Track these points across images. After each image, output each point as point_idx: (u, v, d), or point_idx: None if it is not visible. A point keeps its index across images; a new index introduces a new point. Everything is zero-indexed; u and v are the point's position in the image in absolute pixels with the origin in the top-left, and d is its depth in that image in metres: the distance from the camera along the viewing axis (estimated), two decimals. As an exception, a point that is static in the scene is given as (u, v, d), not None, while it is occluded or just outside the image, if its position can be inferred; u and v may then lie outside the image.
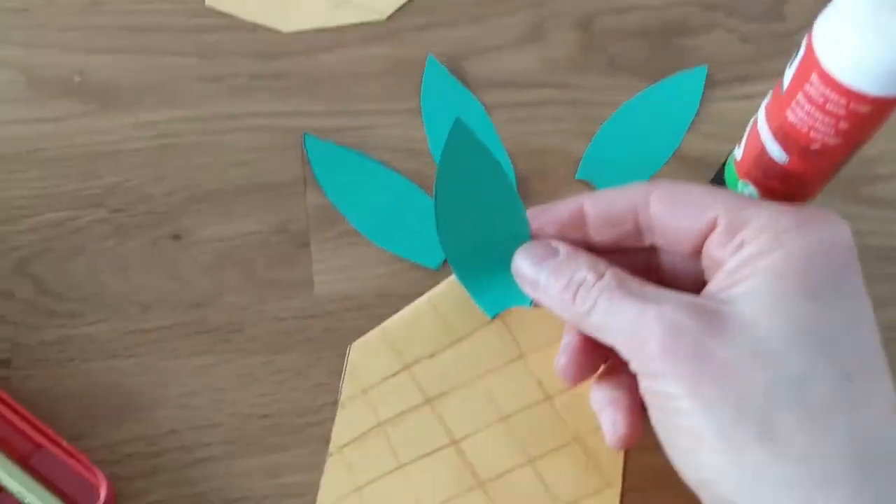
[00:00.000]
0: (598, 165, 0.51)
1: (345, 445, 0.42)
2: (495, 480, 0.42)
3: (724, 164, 0.47)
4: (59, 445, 0.40)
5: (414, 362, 0.44)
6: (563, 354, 0.41)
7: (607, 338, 0.37)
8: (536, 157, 0.51)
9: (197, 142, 0.49)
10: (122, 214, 0.47)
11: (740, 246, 0.36)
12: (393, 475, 0.42)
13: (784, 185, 0.42)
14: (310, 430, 0.43)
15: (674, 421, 0.34)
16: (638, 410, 0.39)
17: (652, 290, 0.36)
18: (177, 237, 0.47)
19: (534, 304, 0.42)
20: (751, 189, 0.44)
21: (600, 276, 0.37)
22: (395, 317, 0.45)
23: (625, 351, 0.36)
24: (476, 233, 0.42)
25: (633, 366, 0.36)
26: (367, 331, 0.45)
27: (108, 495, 0.39)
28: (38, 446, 0.41)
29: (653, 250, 0.40)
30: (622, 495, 0.42)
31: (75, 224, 0.46)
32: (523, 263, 0.40)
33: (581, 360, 0.40)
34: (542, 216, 0.41)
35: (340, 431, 0.43)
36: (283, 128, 0.50)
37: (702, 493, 0.35)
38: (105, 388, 0.43)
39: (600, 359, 0.41)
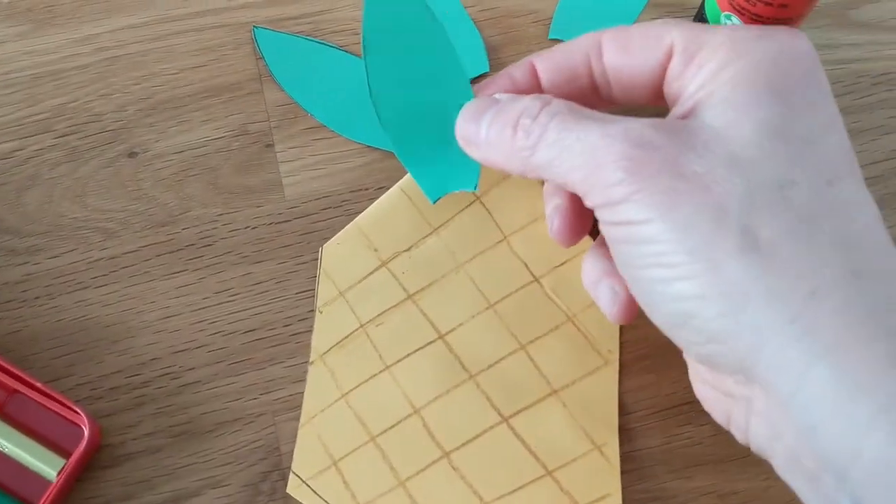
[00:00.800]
0: (570, 22, 0.45)
1: (326, 352, 0.38)
2: (487, 371, 0.38)
3: (703, 1, 0.42)
4: (34, 388, 0.37)
5: (391, 258, 0.39)
6: (556, 217, 0.36)
7: (558, 174, 0.31)
8: (504, 21, 0.45)
9: (142, 50, 0.44)
10: (72, 137, 0.42)
11: (700, 68, 0.31)
12: (380, 377, 0.38)
13: (769, 9, 0.38)
14: (299, 339, 0.39)
15: (642, 251, 0.29)
16: None
17: (610, 115, 0.31)
18: (133, 154, 0.42)
19: (478, 186, 0.39)
20: (735, 20, 0.39)
21: (546, 104, 0.32)
22: (367, 211, 0.40)
23: (581, 183, 0.30)
24: (415, 104, 0.38)
25: (593, 199, 0.30)
26: (346, 229, 0.41)
27: (92, 433, 0.36)
28: (12, 392, 0.37)
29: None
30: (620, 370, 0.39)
31: (23, 154, 0.42)
32: (463, 122, 0.35)
33: (575, 221, 0.36)
34: (491, 85, 0.37)
35: (320, 338, 0.39)
36: (232, 24, 0.45)
37: (680, 335, 0.30)
38: (77, 323, 0.39)
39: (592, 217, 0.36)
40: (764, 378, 0.28)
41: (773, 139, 0.29)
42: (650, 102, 0.34)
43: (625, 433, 0.38)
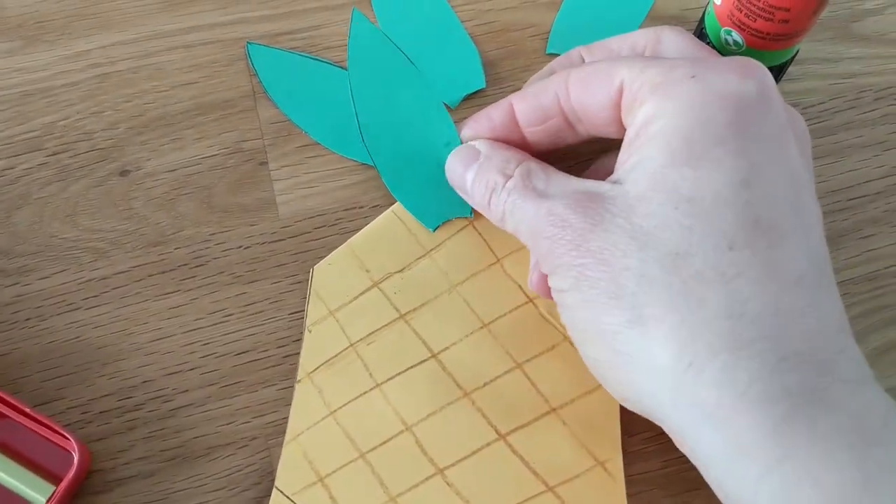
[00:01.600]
0: (568, 36, 0.45)
1: (314, 370, 0.38)
2: (482, 389, 0.37)
3: (703, 17, 0.42)
4: (23, 413, 0.36)
5: (383, 278, 0.39)
6: (535, 271, 0.37)
7: (522, 241, 0.34)
8: (502, 35, 0.45)
9: (134, 67, 0.44)
10: (63, 156, 0.42)
11: (641, 105, 0.32)
12: (370, 395, 0.37)
13: (770, 25, 0.38)
14: (293, 361, 0.39)
15: (568, 315, 0.32)
16: None
17: (556, 182, 0.33)
18: (125, 173, 0.41)
19: (474, 212, 0.40)
20: (735, 36, 0.39)
21: (508, 178, 0.34)
22: (360, 233, 0.40)
23: (532, 252, 0.34)
24: (405, 143, 0.41)
25: (541, 267, 0.33)
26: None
27: (82, 459, 0.35)
28: (0, 417, 0.37)
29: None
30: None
31: (13, 173, 0.41)
32: (452, 169, 0.38)
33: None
34: (471, 124, 0.38)
35: (308, 356, 0.38)
36: (225, 39, 0.44)
37: (609, 392, 0.33)
38: (69, 345, 0.39)
39: None
40: (675, 436, 0.30)
41: (678, 206, 0.29)
42: (619, 136, 0.34)
43: (624, 457, 0.37)
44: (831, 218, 0.42)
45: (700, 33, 0.42)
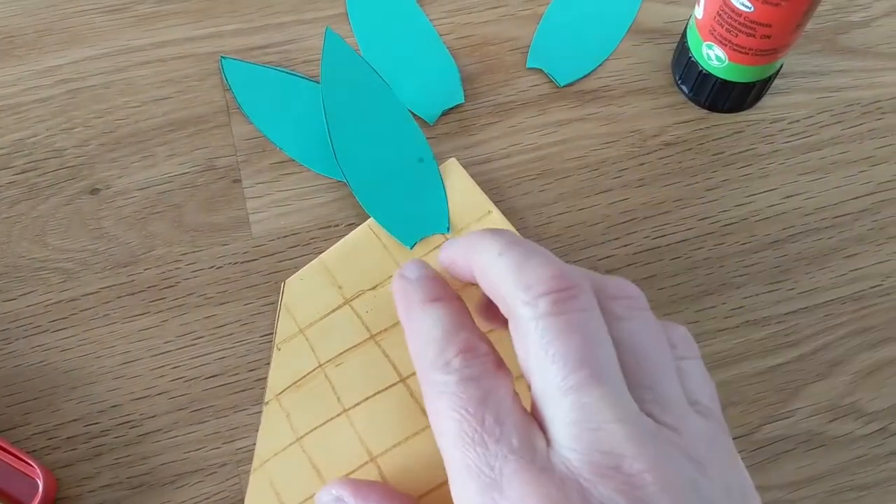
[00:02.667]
0: (549, 50, 0.44)
1: (282, 392, 0.37)
2: None
3: (685, 30, 0.40)
4: (-14, 440, 0.35)
5: (355, 296, 0.38)
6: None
7: None
8: (481, 49, 0.44)
9: (105, 82, 0.42)
10: (31, 174, 0.41)
11: None
12: (337, 421, 0.36)
13: (752, 41, 0.37)
14: (264, 385, 0.38)
15: None
16: None
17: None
18: (95, 191, 0.40)
19: (450, 229, 0.38)
20: (717, 50, 0.38)
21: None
22: (333, 248, 0.39)
23: None
24: (378, 161, 0.40)
25: None
26: (315, 267, 0.39)
27: (47, 486, 0.34)
28: (-37, 445, 0.36)
29: None
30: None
31: (-20, 192, 0.40)
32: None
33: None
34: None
35: (276, 376, 0.37)
36: (198, 54, 0.43)
37: None
38: (35, 369, 0.38)
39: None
40: None
41: None
42: None
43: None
44: (816, 236, 0.41)
45: (682, 47, 0.41)
